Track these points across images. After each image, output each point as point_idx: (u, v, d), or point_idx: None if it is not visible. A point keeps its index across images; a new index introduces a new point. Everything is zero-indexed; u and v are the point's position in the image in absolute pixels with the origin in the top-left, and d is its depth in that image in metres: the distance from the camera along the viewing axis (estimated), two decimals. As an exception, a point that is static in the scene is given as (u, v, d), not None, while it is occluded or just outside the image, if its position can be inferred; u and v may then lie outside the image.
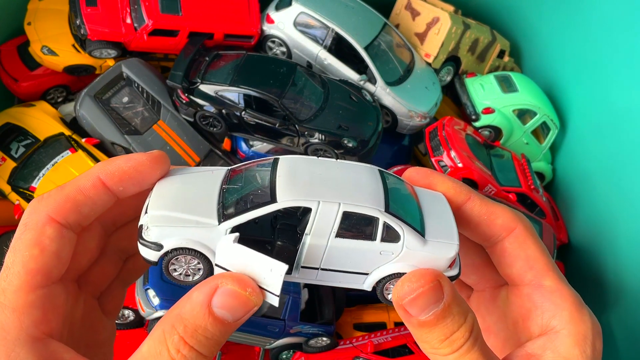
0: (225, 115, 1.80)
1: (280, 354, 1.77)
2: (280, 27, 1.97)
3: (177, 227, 0.61)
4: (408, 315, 0.59)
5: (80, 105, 1.80)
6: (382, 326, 1.85)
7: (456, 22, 2.09)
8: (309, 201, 0.60)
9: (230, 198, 0.63)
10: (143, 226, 0.61)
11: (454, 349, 0.58)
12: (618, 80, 1.87)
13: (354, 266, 0.64)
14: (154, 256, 0.62)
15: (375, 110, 1.90)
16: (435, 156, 1.95)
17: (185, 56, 1.82)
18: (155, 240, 0.61)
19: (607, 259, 1.88)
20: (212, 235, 0.61)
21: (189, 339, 0.54)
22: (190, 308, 0.55)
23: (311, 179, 0.63)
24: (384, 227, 0.62)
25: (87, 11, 1.79)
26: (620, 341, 1.73)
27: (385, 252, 0.63)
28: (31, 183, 1.71)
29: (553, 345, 0.62)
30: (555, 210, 2.16)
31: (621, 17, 1.83)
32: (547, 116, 2.14)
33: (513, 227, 0.67)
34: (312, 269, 0.64)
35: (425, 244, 0.63)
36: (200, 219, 0.61)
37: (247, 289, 0.56)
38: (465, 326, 0.58)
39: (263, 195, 0.62)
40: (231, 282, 0.56)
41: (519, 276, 0.68)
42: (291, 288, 1.71)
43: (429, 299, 0.57)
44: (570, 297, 0.65)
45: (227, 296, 0.55)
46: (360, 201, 0.61)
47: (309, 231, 0.61)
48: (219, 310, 0.55)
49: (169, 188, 0.64)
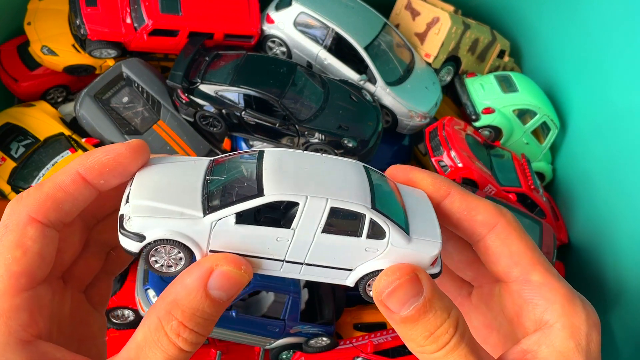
0: (225, 115, 1.80)
1: (280, 354, 1.77)
2: (280, 27, 1.97)
3: (160, 218, 0.59)
4: (390, 312, 0.58)
5: (80, 105, 1.80)
6: (382, 326, 1.85)
7: (456, 22, 2.09)
8: (296, 196, 0.60)
9: (215, 190, 0.62)
10: (124, 216, 0.60)
11: (440, 345, 0.57)
12: (618, 80, 1.87)
13: (338, 262, 0.64)
14: (135, 247, 0.60)
15: (375, 110, 1.90)
16: (435, 156, 1.96)
17: (185, 56, 1.82)
18: (137, 230, 0.59)
19: (607, 259, 1.88)
20: (196, 228, 0.60)
21: (188, 323, 0.55)
22: (186, 293, 0.55)
23: (298, 173, 0.62)
24: (370, 223, 0.62)
25: (87, 11, 1.79)
26: (620, 341, 1.73)
27: (370, 248, 0.63)
28: (31, 183, 1.71)
29: (548, 339, 0.61)
30: (555, 210, 2.16)
31: (621, 17, 1.83)
32: (547, 116, 2.14)
33: (494, 223, 0.66)
34: (297, 264, 0.63)
35: (409, 241, 0.63)
36: (184, 210, 0.60)
37: (242, 267, 0.57)
38: (450, 321, 0.58)
39: (249, 188, 0.61)
40: (226, 263, 0.57)
41: (505, 273, 0.67)
42: (291, 288, 1.71)
43: (407, 291, 0.57)
44: (561, 290, 0.63)
45: (223, 277, 0.56)
46: (347, 197, 0.61)
47: (295, 226, 0.61)
48: (215, 292, 0.56)
49: (150, 177, 0.63)
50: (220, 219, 0.60)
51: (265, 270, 0.63)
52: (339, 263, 0.64)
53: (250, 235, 0.60)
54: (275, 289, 1.70)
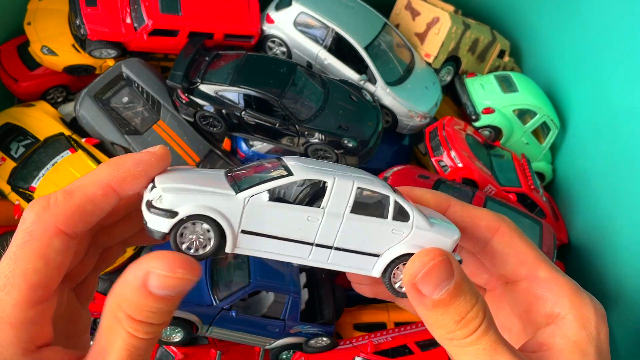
0: (225, 115, 1.80)
1: (280, 354, 1.77)
2: (280, 27, 1.97)
3: (192, 194, 0.59)
4: (421, 297, 0.59)
5: (80, 105, 1.80)
6: (382, 326, 1.85)
7: (456, 22, 2.09)
8: (325, 176, 0.62)
9: (242, 179, 0.64)
10: (153, 198, 0.59)
11: (471, 330, 0.58)
12: (618, 80, 1.87)
13: (366, 246, 0.65)
14: (165, 225, 0.59)
15: (375, 110, 1.90)
16: (435, 156, 1.95)
17: (185, 56, 1.82)
18: (169, 207, 0.58)
19: (607, 259, 1.88)
20: (229, 204, 0.60)
21: (137, 316, 0.54)
22: (129, 291, 0.54)
23: (321, 164, 0.66)
24: (395, 205, 0.64)
25: (87, 11, 1.79)
26: (621, 341, 1.73)
27: (397, 230, 0.64)
28: (31, 183, 1.70)
29: (561, 331, 0.64)
30: (555, 210, 2.16)
31: (621, 17, 1.83)
32: (547, 116, 2.14)
33: (497, 226, 0.69)
34: (326, 248, 0.64)
35: (432, 225, 0.65)
36: (215, 190, 0.61)
37: (178, 271, 0.54)
38: (478, 306, 0.59)
39: (278, 174, 0.63)
40: (160, 267, 0.54)
41: (513, 273, 0.69)
42: (291, 288, 1.71)
43: (440, 273, 0.58)
44: (567, 284, 0.67)
45: (160, 279, 0.54)
46: (371, 181, 0.64)
47: (325, 205, 0.62)
48: (157, 290, 0.54)
49: (173, 174, 0.63)
50: (254, 195, 0.60)
51: (292, 258, 0.64)
52: (366, 247, 0.65)
53: (282, 214, 0.61)
54: (275, 289, 1.70)
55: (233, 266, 1.73)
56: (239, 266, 1.72)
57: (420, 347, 1.71)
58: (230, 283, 1.68)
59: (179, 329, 1.60)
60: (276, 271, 1.73)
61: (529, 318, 0.69)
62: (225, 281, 1.68)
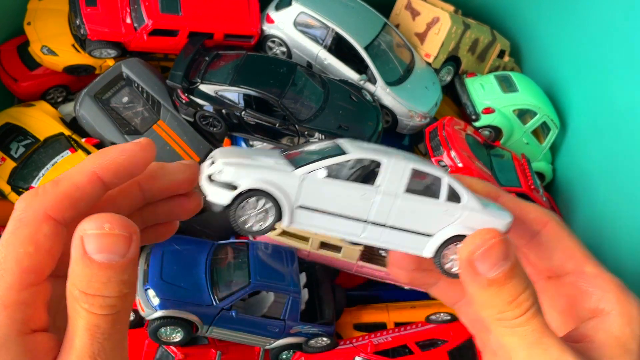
0: (225, 115, 1.80)
1: (280, 354, 1.77)
2: (280, 27, 1.97)
3: (253, 168, 0.61)
4: (475, 275, 0.60)
5: (80, 105, 1.80)
6: (382, 326, 1.85)
7: (456, 22, 2.09)
8: (380, 155, 0.63)
9: (298, 157, 0.65)
10: (214, 172, 0.61)
11: (522, 310, 0.59)
12: (618, 80, 1.87)
13: (419, 225, 0.65)
14: (226, 198, 0.61)
15: (375, 110, 1.90)
16: (435, 156, 1.95)
17: (185, 56, 1.82)
18: (230, 180, 0.60)
19: (607, 259, 1.86)
20: (288, 180, 0.61)
21: (89, 290, 0.53)
22: (74, 264, 0.53)
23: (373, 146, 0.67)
24: (448, 187, 0.65)
25: (87, 11, 1.79)
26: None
27: (449, 211, 0.65)
28: (31, 183, 1.71)
29: (604, 326, 0.64)
30: (555, 210, 2.16)
31: (621, 17, 1.83)
32: (547, 116, 2.14)
33: (546, 220, 0.70)
34: (379, 226, 0.65)
35: (484, 208, 0.65)
36: (274, 165, 0.62)
37: (106, 226, 0.52)
38: (530, 290, 0.60)
39: (333, 151, 0.64)
40: (89, 226, 0.52)
41: (560, 266, 0.70)
42: (291, 288, 1.71)
43: (499, 253, 0.59)
44: (613, 281, 0.68)
45: (93, 239, 0.52)
46: (424, 162, 0.66)
47: (380, 183, 0.63)
48: (97, 256, 0.52)
49: (233, 150, 0.65)
50: (311, 171, 0.62)
51: (346, 234, 0.64)
52: (419, 227, 0.65)
53: (338, 191, 0.63)
54: (275, 289, 1.70)
55: (233, 266, 1.73)
56: (239, 266, 1.72)
57: (420, 347, 1.71)
58: (230, 283, 1.68)
59: (179, 329, 1.60)
60: (276, 271, 1.73)
61: (572, 313, 0.69)
62: (225, 281, 1.68)
